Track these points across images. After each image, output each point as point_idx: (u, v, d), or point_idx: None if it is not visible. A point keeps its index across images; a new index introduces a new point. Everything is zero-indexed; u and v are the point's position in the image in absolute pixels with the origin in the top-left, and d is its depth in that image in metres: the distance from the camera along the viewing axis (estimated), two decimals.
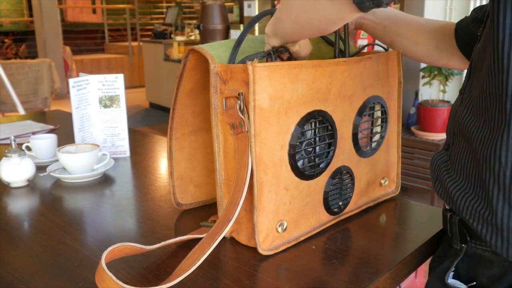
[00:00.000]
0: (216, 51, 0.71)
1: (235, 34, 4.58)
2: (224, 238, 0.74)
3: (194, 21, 6.66)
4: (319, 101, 0.73)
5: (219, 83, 0.70)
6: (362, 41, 3.16)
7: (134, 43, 8.61)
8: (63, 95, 6.53)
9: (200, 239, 0.70)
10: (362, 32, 2.90)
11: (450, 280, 0.69)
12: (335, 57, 0.81)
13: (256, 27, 4.79)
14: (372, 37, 0.95)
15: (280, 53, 0.72)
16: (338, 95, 0.76)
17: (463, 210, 0.66)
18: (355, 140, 0.82)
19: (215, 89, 0.70)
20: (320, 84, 0.72)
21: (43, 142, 1.20)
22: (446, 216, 0.73)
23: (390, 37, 0.93)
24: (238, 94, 0.67)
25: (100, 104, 1.24)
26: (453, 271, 0.69)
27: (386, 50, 0.88)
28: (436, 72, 2.92)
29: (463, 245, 0.69)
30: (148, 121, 5.86)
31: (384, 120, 0.88)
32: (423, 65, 3.06)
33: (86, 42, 9.48)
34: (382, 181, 0.91)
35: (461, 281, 0.69)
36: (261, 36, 0.79)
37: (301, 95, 0.70)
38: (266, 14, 0.74)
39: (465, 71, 0.79)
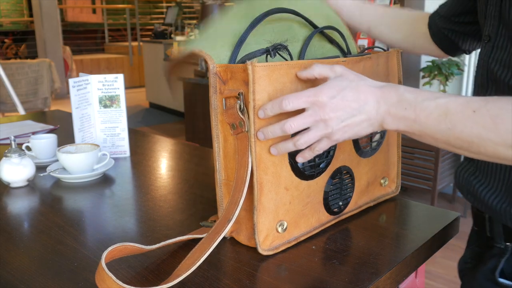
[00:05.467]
0: (215, 51, 0.70)
1: None
2: (224, 238, 0.74)
3: (194, 21, 6.66)
4: None
5: (218, 83, 0.70)
6: (362, 41, 3.16)
7: (134, 43, 8.61)
8: (63, 95, 6.54)
9: (200, 239, 0.70)
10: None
11: (500, 279, 0.69)
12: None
13: None
14: (371, 38, 0.96)
15: (279, 50, 0.72)
16: None
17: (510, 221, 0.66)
18: (355, 140, 0.82)
19: (214, 89, 0.70)
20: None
21: (43, 142, 1.20)
22: (484, 217, 0.72)
23: (367, 23, 0.94)
24: (238, 94, 0.66)
25: (100, 104, 1.24)
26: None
27: (385, 51, 0.88)
28: (436, 72, 2.91)
29: (507, 243, 0.68)
30: (148, 121, 5.86)
31: None
32: (423, 65, 3.06)
33: (86, 42, 9.48)
34: (382, 181, 0.91)
35: (505, 279, 0.69)
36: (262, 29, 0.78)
37: None
38: (269, 14, 0.74)
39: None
